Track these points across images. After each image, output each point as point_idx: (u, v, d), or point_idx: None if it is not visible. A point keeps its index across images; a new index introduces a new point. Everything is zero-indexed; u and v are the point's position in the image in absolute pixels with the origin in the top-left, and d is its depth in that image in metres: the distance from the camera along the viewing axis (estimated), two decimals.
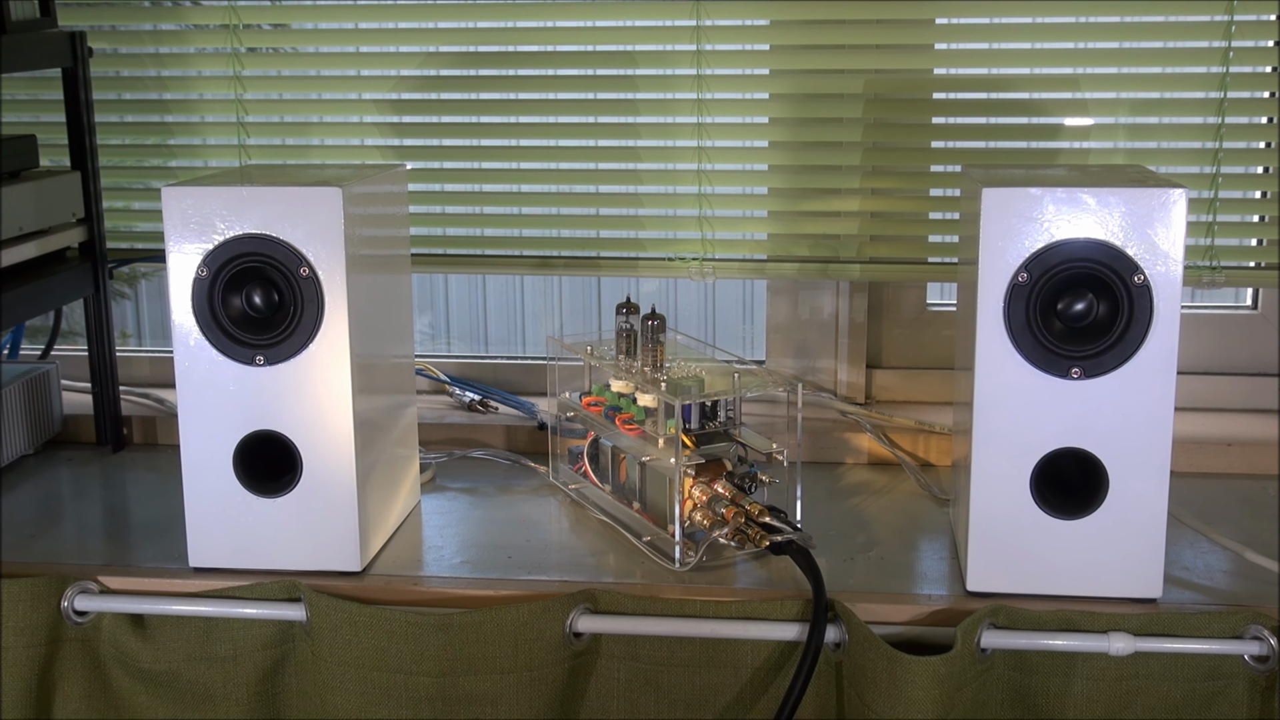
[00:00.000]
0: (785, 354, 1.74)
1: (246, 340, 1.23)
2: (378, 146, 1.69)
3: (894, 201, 1.65)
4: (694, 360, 1.40)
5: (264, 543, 1.26)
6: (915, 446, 1.59)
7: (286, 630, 1.25)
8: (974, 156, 1.64)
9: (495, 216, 1.73)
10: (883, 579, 1.26)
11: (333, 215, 1.20)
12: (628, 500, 1.39)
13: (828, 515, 1.42)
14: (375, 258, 1.30)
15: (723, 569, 1.28)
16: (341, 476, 1.25)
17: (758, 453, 1.33)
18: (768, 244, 1.67)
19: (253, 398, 1.24)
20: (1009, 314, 1.15)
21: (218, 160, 1.73)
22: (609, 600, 1.21)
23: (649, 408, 1.36)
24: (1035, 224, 1.14)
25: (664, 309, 1.41)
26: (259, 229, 1.21)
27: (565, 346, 1.49)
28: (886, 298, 1.73)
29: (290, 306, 1.22)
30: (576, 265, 1.72)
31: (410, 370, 1.45)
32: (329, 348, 1.22)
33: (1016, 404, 1.17)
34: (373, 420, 1.30)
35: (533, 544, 1.36)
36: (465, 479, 1.55)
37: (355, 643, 1.20)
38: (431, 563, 1.31)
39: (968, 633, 1.14)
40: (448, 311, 2.58)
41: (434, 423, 1.66)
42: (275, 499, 1.25)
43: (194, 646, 1.25)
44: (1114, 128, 1.58)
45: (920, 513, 1.44)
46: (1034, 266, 1.15)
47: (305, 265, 1.21)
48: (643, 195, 1.68)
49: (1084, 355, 1.15)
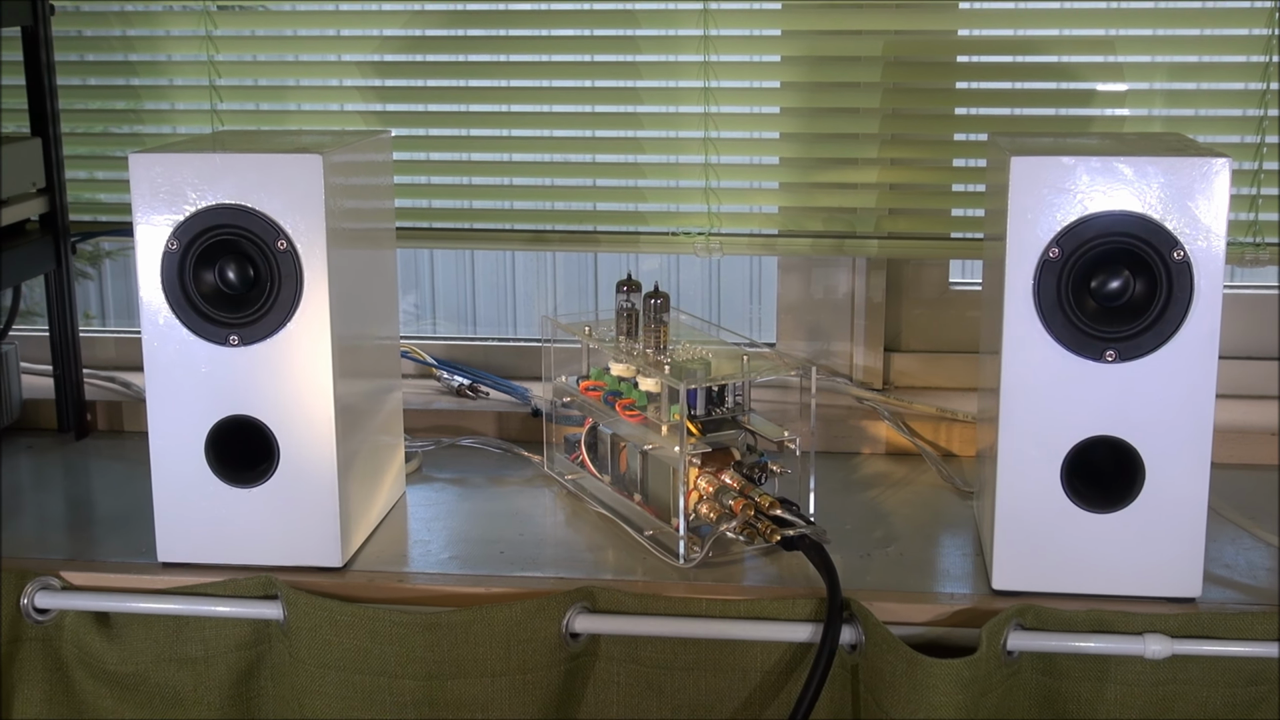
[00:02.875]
0: (797, 336, 1.74)
1: (219, 319, 1.22)
2: (359, 112, 1.69)
3: (915, 172, 1.65)
4: (700, 342, 1.40)
5: (238, 536, 1.26)
6: (937, 435, 1.59)
7: (262, 630, 1.25)
8: (1001, 124, 1.64)
9: (485, 188, 1.73)
10: (902, 576, 1.26)
11: (312, 185, 1.20)
12: (628, 492, 1.39)
13: (843, 508, 1.42)
14: (358, 231, 1.30)
15: (730, 565, 1.28)
16: (321, 465, 1.25)
17: (768, 441, 1.33)
18: (779, 218, 1.67)
19: (226, 380, 1.23)
20: (1039, 292, 1.15)
21: (188, 126, 1.72)
22: (608, 599, 1.21)
23: (651, 392, 1.36)
24: (1067, 196, 1.14)
25: (667, 287, 1.41)
26: (233, 199, 1.21)
27: (561, 327, 1.49)
28: (906, 276, 1.73)
29: (267, 282, 1.22)
30: (572, 240, 1.72)
31: (395, 352, 1.45)
32: (308, 327, 1.22)
33: (1046, 389, 1.17)
34: (355, 405, 1.30)
35: (526, 538, 1.36)
36: (454, 469, 1.55)
37: (336, 643, 1.20)
38: (418, 558, 1.31)
39: (993, 634, 1.14)
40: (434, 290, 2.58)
41: (420, 408, 1.66)
42: (250, 489, 1.25)
43: (163, 647, 1.25)
44: (1150, 93, 1.58)
45: (942, 506, 1.44)
46: (1066, 241, 1.14)
47: (283, 238, 1.20)
48: (644, 165, 1.67)
49: (1119, 337, 1.15)
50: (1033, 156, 1.14)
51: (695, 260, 1.69)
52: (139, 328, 1.24)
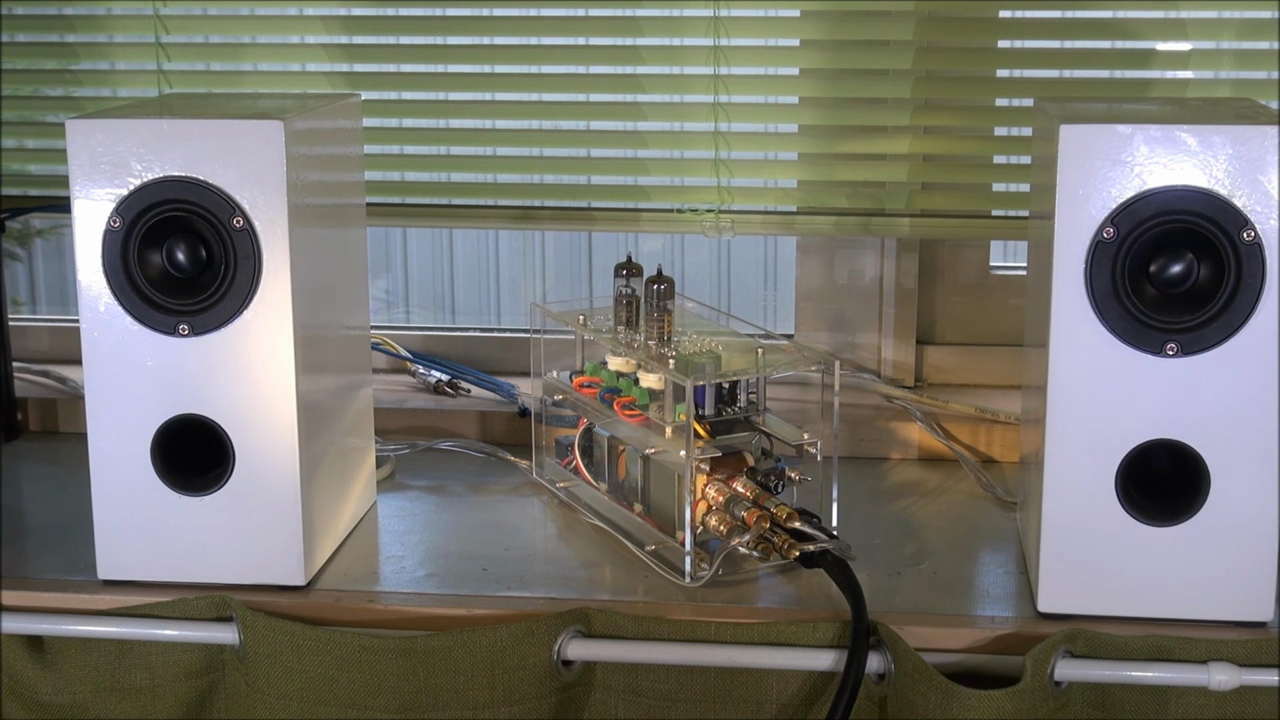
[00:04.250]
0: (818, 326, 1.74)
1: (168, 305, 1.23)
2: (324, 73, 1.69)
3: (951, 142, 1.65)
4: (708, 333, 1.40)
5: (188, 550, 1.26)
6: (975, 439, 1.59)
7: (215, 656, 1.26)
8: (1048, 88, 1.64)
9: (465, 158, 1.73)
10: (936, 597, 1.27)
11: (272, 154, 1.20)
12: (628, 502, 1.39)
13: (870, 520, 1.43)
14: (323, 207, 1.30)
15: (743, 585, 1.28)
16: (282, 471, 1.25)
17: (786, 445, 1.33)
18: (798, 193, 1.67)
19: (175, 375, 1.24)
20: (1091, 278, 1.16)
21: (132, 89, 1.72)
22: (605, 622, 1.22)
23: (654, 390, 1.36)
24: (1123, 169, 1.14)
25: (672, 271, 1.41)
26: (183, 171, 1.21)
27: (552, 316, 1.49)
28: (941, 259, 1.73)
29: (220, 265, 1.22)
30: (564, 218, 1.72)
31: (365, 344, 1.45)
32: (267, 315, 1.22)
33: (1099, 387, 1.17)
34: (320, 404, 1.30)
35: (513, 554, 1.36)
36: (431, 475, 1.56)
37: (298, 671, 1.20)
38: (390, 576, 1.32)
39: (1039, 662, 1.15)
40: (408, 274, 2.58)
41: (393, 407, 1.66)
42: (202, 498, 1.26)
43: (103, 675, 1.25)
44: (1217, 53, 1.58)
45: (981, 518, 1.44)
46: (1122, 220, 1.15)
47: (239, 215, 1.21)
48: (645, 133, 1.68)
49: (1182, 327, 1.16)
50: (1084, 124, 1.15)
51: (703, 241, 1.69)
52: (76, 316, 1.24)
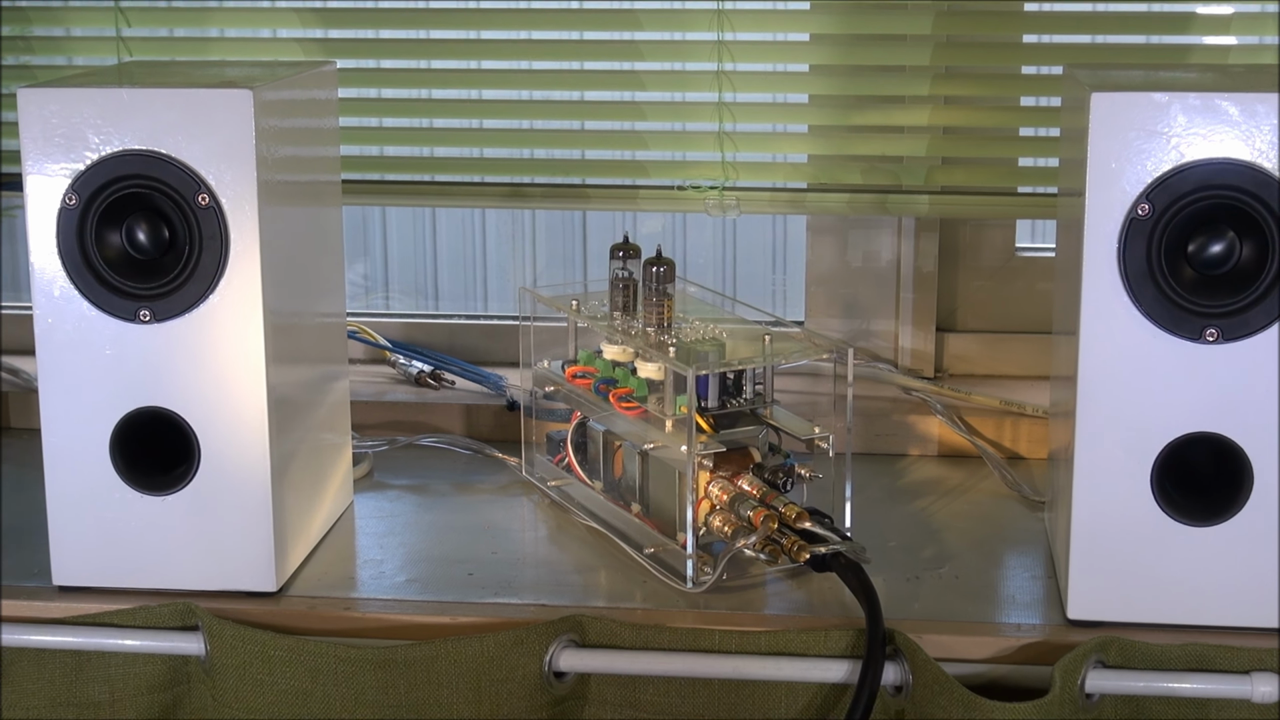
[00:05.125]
0: (831, 312, 1.74)
1: (128, 289, 1.23)
2: (296, 39, 1.69)
3: (974, 113, 1.65)
4: (712, 319, 1.40)
5: (150, 554, 1.27)
6: (1000, 433, 1.60)
7: (179, 668, 1.26)
8: (1079, 54, 1.64)
9: (450, 131, 1.73)
10: (958, 603, 1.27)
11: (240, 127, 1.20)
12: (625, 501, 1.39)
13: (886, 521, 1.43)
14: (296, 184, 1.30)
15: (749, 590, 1.28)
16: (251, 469, 1.25)
17: (795, 440, 1.33)
18: (808, 168, 1.67)
19: (136, 365, 1.24)
20: (1125, 259, 1.16)
21: (89, 56, 1.72)
22: (600, 630, 1.22)
23: (653, 380, 1.36)
24: (1159, 140, 1.14)
25: (672, 253, 1.41)
26: (144, 144, 1.21)
27: (543, 301, 1.49)
28: (963, 240, 1.73)
29: (185, 246, 1.22)
30: (556, 195, 1.72)
31: (341, 332, 1.45)
32: (235, 300, 1.22)
33: (1134, 376, 1.17)
34: (292, 396, 1.31)
35: (500, 557, 1.36)
36: (412, 473, 1.56)
37: (269, 684, 1.21)
38: (368, 581, 1.32)
39: (1068, 673, 1.15)
40: (387, 256, 2.57)
41: (371, 400, 1.66)
42: (165, 497, 1.26)
43: (59, 689, 1.25)
44: (1261, 16, 1.58)
45: (1007, 519, 1.44)
46: (1158, 196, 1.15)
47: (204, 192, 1.21)
48: (644, 104, 1.68)
49: (1222, 311, 1.16)
50: (1117, 92, 1.15)
51: (707, 220, 1.69)
52: (28, 301, 1.24)
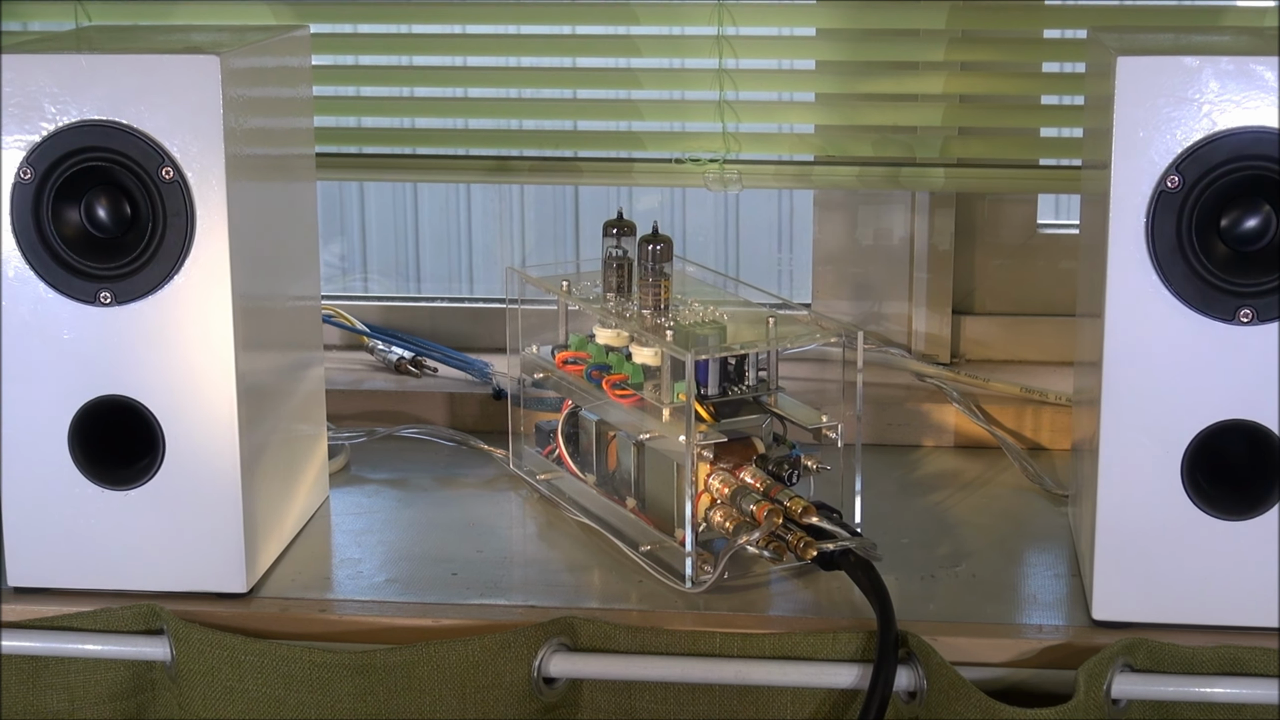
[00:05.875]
0: (839, 294, 1.74)
1: (87, 270, 1.23)
2: (267, 2, 1.69)
3: (992, 80, 1.65)
4: (712, 301, 1.40)
5: (112, 553, 1.27)
6: (1021, 422, 1.60)
7: (143, 675, 1.26)
8: (1104, 16, 1.64)
9: (432, 101, 1.73)
10: (975, 604, 1.27)
11: (207, 96, 1.20)
12: (619, 496, 1.39)
13: (899, 516, 1.43)
14: (266, 157, 1.30)
15: (752, 590, 1.29)
16: (220, 462, 1.25)
17: (801, 429, 1.33)
18: (815, 139, 1.67)
19: (96, 351, 1.24)
20: (1153, 235, 1.16)
21: (45, 21, 1.72)
22: (593, 633, 1.22)
23: (649, 366, 1.36)
24: (1190, 108, 1.14)
25: (670, 230, 1.42)
26: (104, 114, 1.21)
27: (531, 282, 1.49)
28: (981, 216, 1.73)
29: (147, 223, 1.22)
30: (546, 169, 1.72)
31: (315, 316, 1.45)
32: (201, 282, 1.22)
33: (1163, 360, 1.17)
34: (263, 384, 1.31)
35: (487, 556, 1.37)
36: (392, 467, 1.56)
37: (239, 690, 1.21)
38: (345, 581, 1.32)
39: (1093, 677, 1.15)
40: (365, 235, 2.58)
41: (348, 389, 1.67)
42: (128, 492, 1.26)
43: (14, 698, 1.25)
44: None
45: (1028, 513, 1.45)
46: (1189, 167, 1.15)
47: (168, 165, 1.21)
48: (640, 71, 1.67)
49: (1258, 290, 1.16)
50: (1145, 57, 1.15)
51: (707, 195, 1.69)
52: None
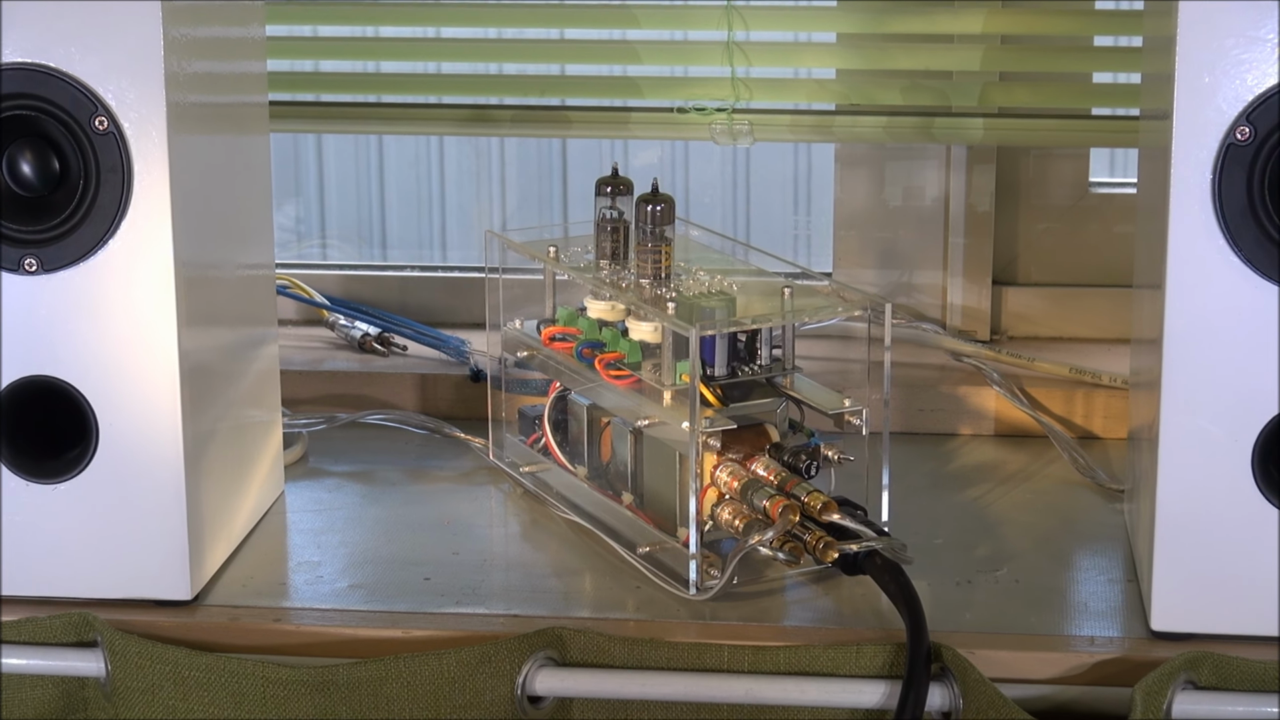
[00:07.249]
0: (864, 262, 1.75)
1: (10, 233, 1.23)
2: None
3: (1038, 18, 1.65)
4: (720, 270, 1.40)
5: (38, 555, 1.27)
6: (1070, 408, 1.60)
7: (75, 693, 1.26)
8: None
9: (400, 42, 1.73)
10: (1018, 613, 1.27)
11: (146, 37, 1.20)
12: (614, 490, 1.40)
13: (932, 514, 1.44)
14: (213, 106, 1.30)
15: (765, 597, 1.29)
16: (160, 452, 1.25)
17: (821, 415, 1.33)
18: (837, 86, 1.67)
19: (20, 325, 1.24)
20: (1220, 193, 1.16)
21: None
22: (584, 646, 1.22)
23: (648, 343, 1.37)
24: (1262, 50, 1.14)
25: (672, 189, 1.42)
26: (29, 57, 1.21)
27: (514, 248, 1.49)
28: (1025, 173, 1.74)
29: (78, 180, 1.22)
30: (530, 120, 1.72)
31: (268, 286, 1.45)
32: (139, 247, 1.23)
33: (1231, 337, 1.17)
34: (209, 364, 1.31)
35: (464, 558, 1.37)
36: (355, 458, 1.56)
37: (183, 710, 1.21)
38: (303, 587, 1.32)
39: (1152, 695, 1.15)
40: (324, 195, 2.58)
41: (306, 369, 1.67)
42: (56, 485, 1.26)
43: None
44: None
45: (1077, 510, 1.45)
46: (1260, 117, 1.15)
47: (102, 114, 1.21)
48: (636, 9, 1.68)
49: None
50: None
51: (714, 150, 1.70)
52: None
